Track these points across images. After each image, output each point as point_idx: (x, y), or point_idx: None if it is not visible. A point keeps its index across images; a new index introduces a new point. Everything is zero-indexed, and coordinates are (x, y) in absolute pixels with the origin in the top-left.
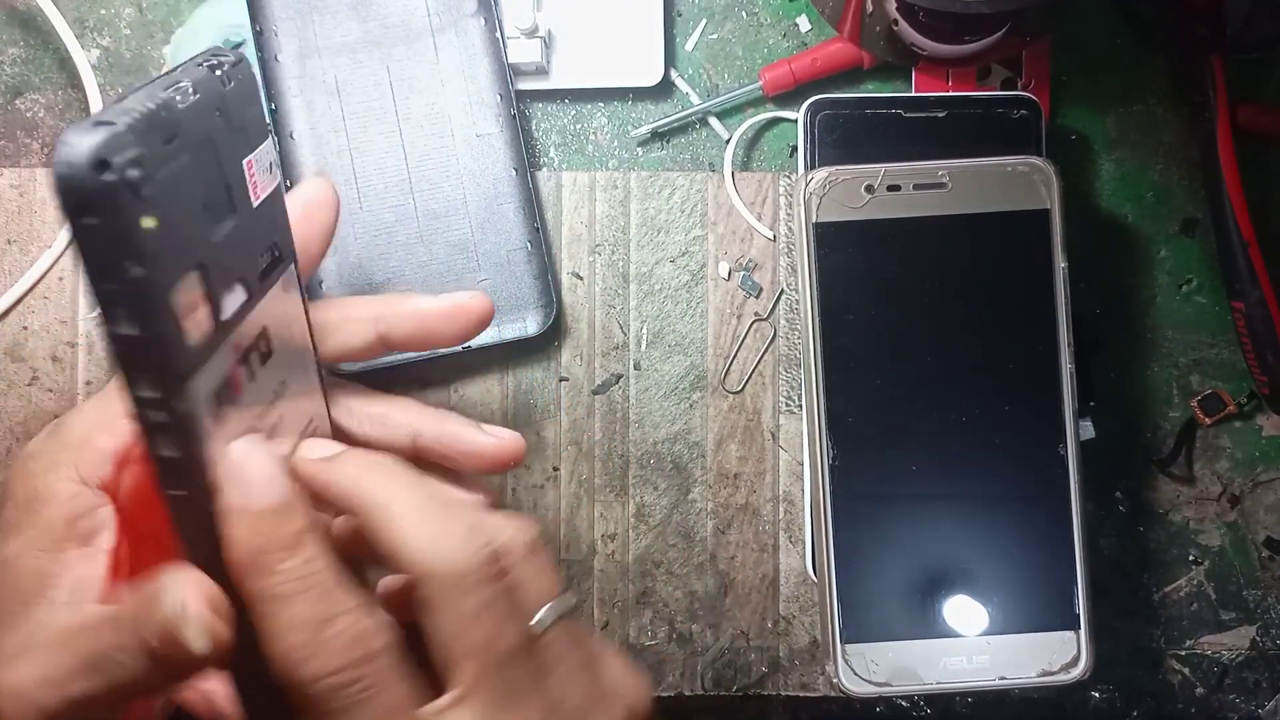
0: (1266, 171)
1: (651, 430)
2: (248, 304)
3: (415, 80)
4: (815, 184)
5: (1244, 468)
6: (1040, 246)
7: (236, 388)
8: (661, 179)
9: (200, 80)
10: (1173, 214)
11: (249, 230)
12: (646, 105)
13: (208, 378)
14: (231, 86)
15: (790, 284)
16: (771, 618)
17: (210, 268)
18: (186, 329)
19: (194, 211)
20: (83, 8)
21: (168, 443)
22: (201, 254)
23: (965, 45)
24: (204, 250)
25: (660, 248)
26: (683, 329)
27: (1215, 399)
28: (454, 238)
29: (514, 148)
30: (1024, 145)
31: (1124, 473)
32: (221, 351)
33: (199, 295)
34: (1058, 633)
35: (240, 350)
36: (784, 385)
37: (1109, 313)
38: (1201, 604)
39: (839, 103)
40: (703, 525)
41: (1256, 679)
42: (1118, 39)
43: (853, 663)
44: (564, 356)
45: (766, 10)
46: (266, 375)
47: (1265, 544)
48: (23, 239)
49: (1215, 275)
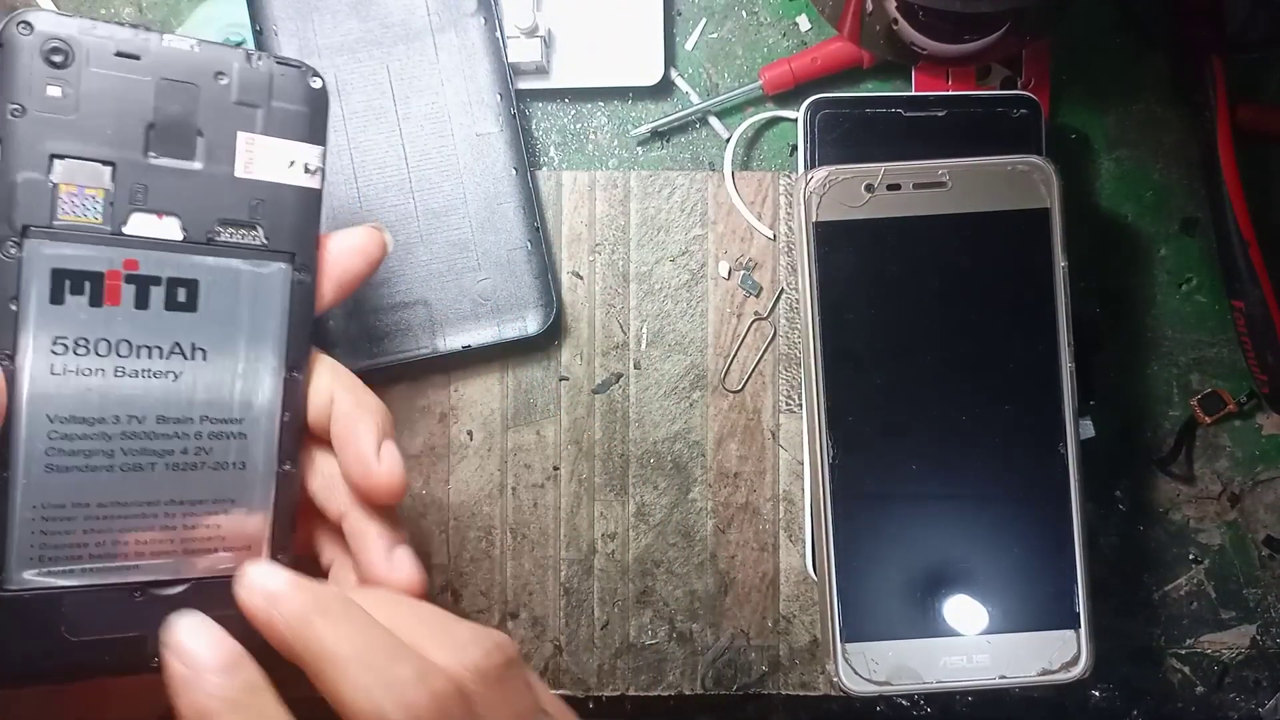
0: (1266, 171)
1: (651, 429)
2: (177, 246)
3: (415, 80)
4: (815, 183)
5: (1244, 467)
6: (1040, 246)
7: (110, 298)
8: (661, 178)
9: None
10: (1173, 214)
11: (213, 188)
12: (646, 105)
13: (60, 253)
14: (263, 74)
15: (790, 283)
16: (772, 617)
17: (122, 171)
18: (60, 196)
19: (124, 119)
20: (83, 8)
21: None
22: (115, 155)
23: (965, 45)
24: (123, 156)
25: (660, 247)
26: (683, 328)
27: (1215, 398)
28: (454, 237)
29: (514, 147)
30: (1024, 145)
31: (1124, 472)
32: (100, 249)
33: (94, 182)
34: (1058, 632)
35: (132, 269)
36: (784, 385)
37: (1109, 313)
38: (1201, 603)
39: (839, 102)
40: (703, 524)
41: (1257, 678)
42: (1118, 39)
43: (853, 662)
44: (564, 356)
45: (766, 10)
46: (168, 321)
47: (1265, 543)
48: None
49: (1215, 275)
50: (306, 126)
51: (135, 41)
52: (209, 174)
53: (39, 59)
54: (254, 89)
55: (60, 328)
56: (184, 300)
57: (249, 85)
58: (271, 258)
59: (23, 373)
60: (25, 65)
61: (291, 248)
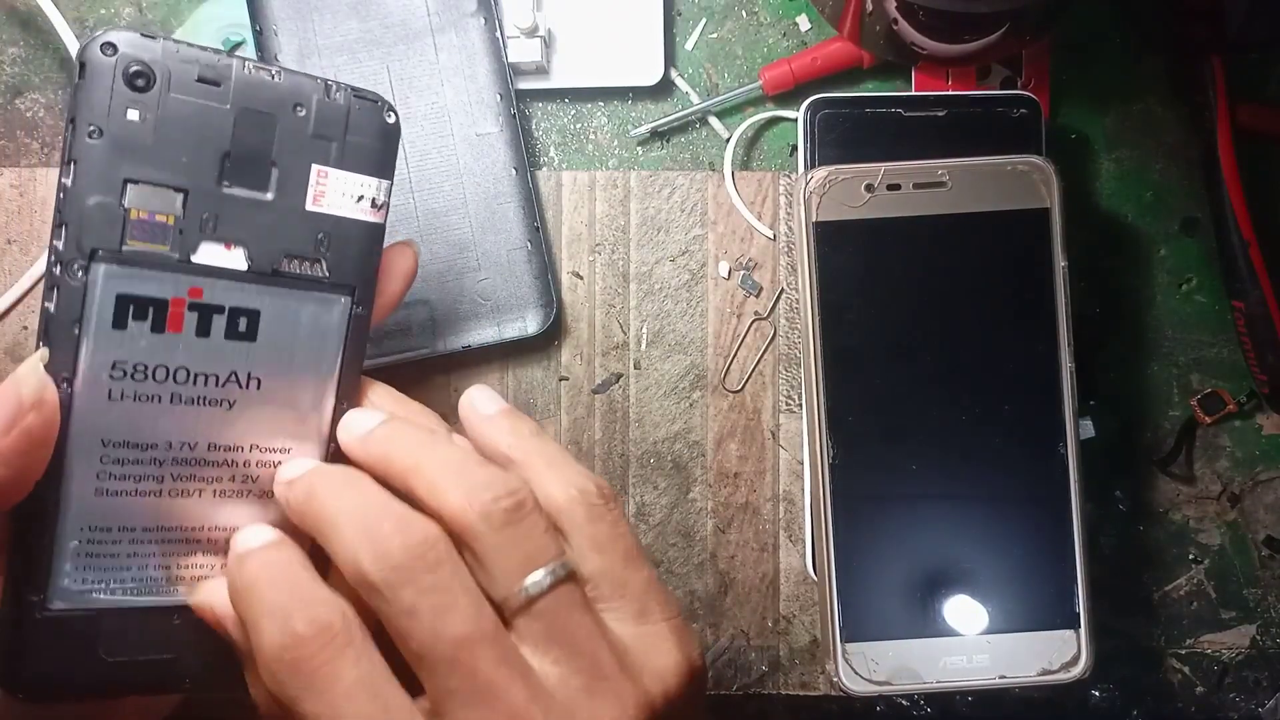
0: (1266, 171)
1: (651, 429)
2: (242, 275)
3: (415, 80)
4: (815, 183)
5: (1244, 467)
6: (1040, 246)
7: (172, 325)
8: (661, 178)
9: (299, 80)
10: (1173, 214)
11: (282, 221)
12: (646, 105)
13: (126, 279)
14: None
15: (790, 283)
16: (771, 617)
17: (194, 200)
18: (131, 222)
19: (201, 147)
20: (83, 8)
21: (51, 296)
22: (189, 183)
23: (965, 44)
24: (196, 184)
25: (660, 247)
26: (683, 328)
27: (1215, 398)
28: (454, 237)
29: (514, 147)
30: (1024, 144)
31: (1124, 472)
32: (166, 277)
33: (166, 209)
34: (1058, 632)
35: (196, 298)
36: (784, 385)
37: (1109, 312)
38: (1201, 603)
39: (839, 102)
40: (703, 524)
41: (1257, 678)
42: (1118, 39)
43: (853, 662)
44: (564, 356)
45: (766, 10)
46: (227, 350)
47: (1265, 543)
48: (23, 239)
49: (1215, 275)
50: (377, 160)
51: (218, 68)
52: (279, 206)
53: (120, 82)
54: (330, 122)
55: (120, 353)
56: (244, 330)
57: (326, 118)
58: (332, 291)
59: (80, 396)
60: (106, 87)
61: (352, 281)
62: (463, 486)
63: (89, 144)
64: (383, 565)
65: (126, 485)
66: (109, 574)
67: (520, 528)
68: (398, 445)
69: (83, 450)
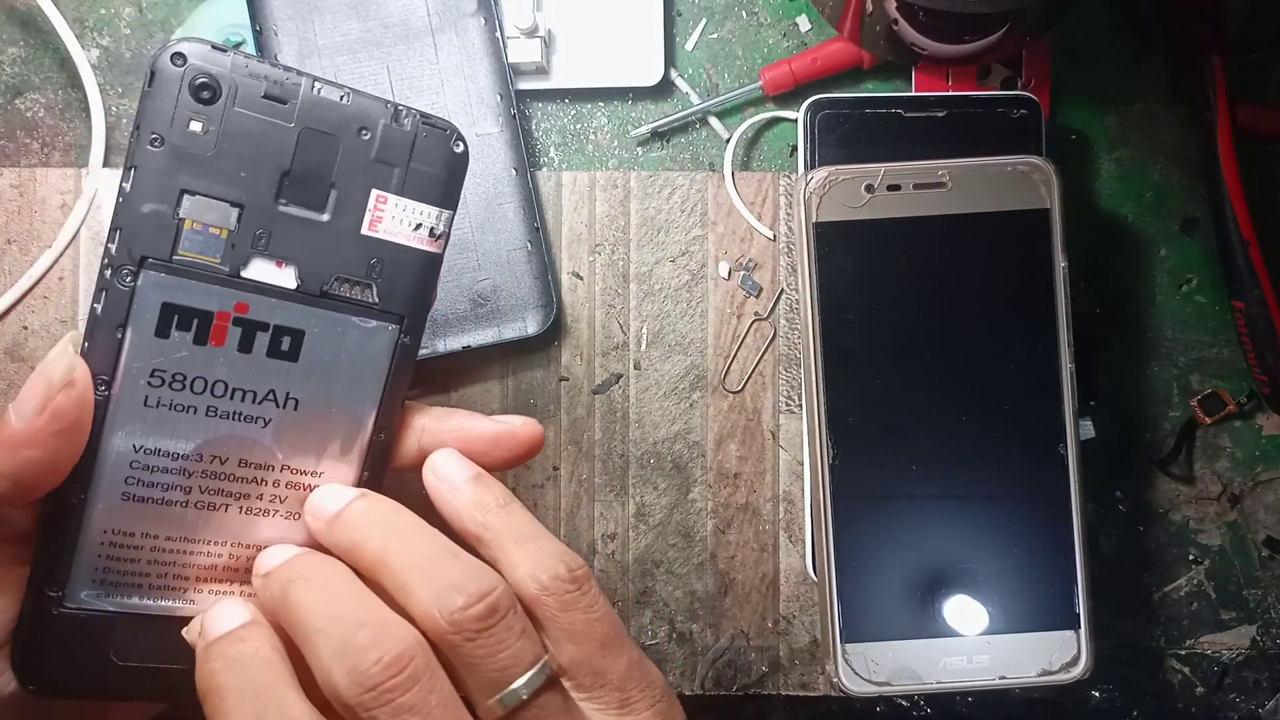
0: (1266, 171)
1: (651, 430)
2: (290, 294)
3: (415, 80)
4: (815, 184)
5: (1244, 467)
6: (1040, 246)
7: (215, 338)
8: (661, 179)
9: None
10: (1173, 214)
11: (336, 243)
12: (646, 105)
13: (173, 289)
14: (407, 133)
15: (790, 284)
16: (771, 617)
17: (249, 215)
18: (184, 232)
19: (260, 164)
20: (83, 8)
21: (100, 298)
22: (245, 198)
23: (965, 45)
24: (252, 200)
25: (660, 247)
26: (683, 329)
27: (1215, 398)
28: (454, 237)
29: (514, 147)
30: (1024, 145)
31: (1124, 473)
32: (214, 289)
33: (220, 222)
34: (1058, 632)
35: (242, 313)
36: (784, 385)
37: (1109, 313)
38: (1201, 603)
39: (839, 102)
40: (703, 525)
41: (1256, 678)
42: (1118, 39)
43: (853, 662)
44: (564, 356)
45: (766, 10)
46: (268, 368)
47: (1265, 543)
48: (23, 239)
49: (1215, 275)
50: (441, 190)
51: (286, 86)
52: (335, 228)
53: (186, 93)
54: (395, 147)
55: (161, 361)
56: (287, 349)
57: (390, 143)
58: (381, 318)
59: (117, 399)
60: (171, 97)
61: (402, 310)
62: (431, 589)
63: (150, 152)
64: (358, 686)
65: (154, 493)
66: (128, 579)
67: (494, 634)
68: (364, 534)
69: (114, 453)
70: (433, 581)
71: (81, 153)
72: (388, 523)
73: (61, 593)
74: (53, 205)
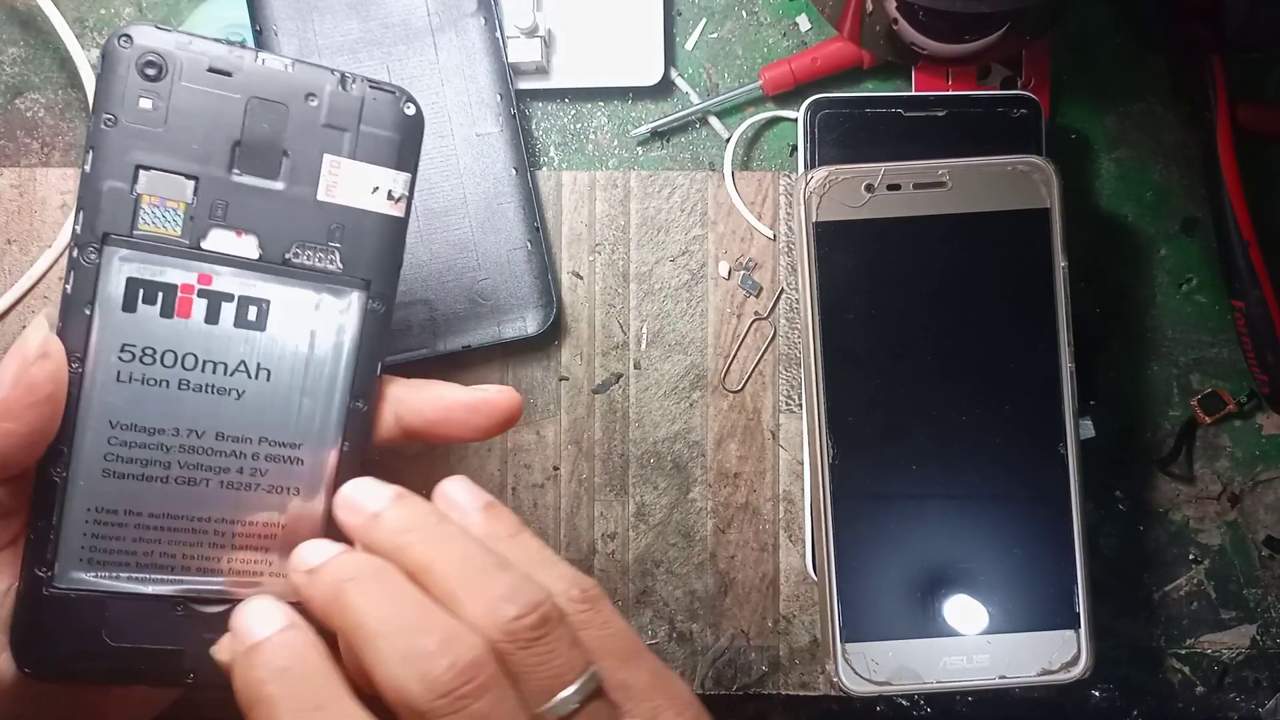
0: (1266, 171)
1: (651, 429)
2: (253, 264)
3: (415, 80)
4: (815, 183)
5: (1244, 467)
6: (1040, 246)
7: (181, 310)
8: (661, 178)
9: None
10: (1173, 214)
11: (294, 210)
12: (646, 105)
13: (136, 263)
14: (354, 98)
15: (790, 283)
16: (771, 617)
17: (205, 187)
18: (142, 207)
19: (211, 136)
20: (83, 8)
21: (69, 278)
22: (200, 170)
23: (965, 44)
24: (207, 171)
25: (660, 247)
26: (683, 328)
27: (1215, 398)
28: (454, 237)
29: (514, 147)
30: (1024, 144)
31: (1124, 472)
32: (176, 262)
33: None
34: (1058, 632)
35: (206, 284)
36: (784, 385)
37: (1109, 313)
38: (1201, 603)
39: (839, 102)
40: (703, 524)
41: (1257, 678)
42: (1118, 39)
43: (853, 662)
44: (564, 356)
45: (766, 10)
46: (236, 339)
47: (1265, 543)
48: (23, 239)
49: (1215, 275)
50: (395, 153)
51: (229, 59)
52: (291, 195)
53: (134, 72)
54: (344, 112)
55: (130, 335)
56: (254, 319)
57: (339, 108)
58: (346, 284)
59: (90, 375)
60: (121, 77)
61: (368, 275)
62: (483, 600)
63: (104, 131)
64: (430, 692)
65: (133, 469)
66: (115, 557)
67: (547, 643)
68: (407, 538)
69: (92, 429)
70: (485, 593)
71: (81, 153)
72: (431, 529)
73: (51, 572)
74: (53, 205)
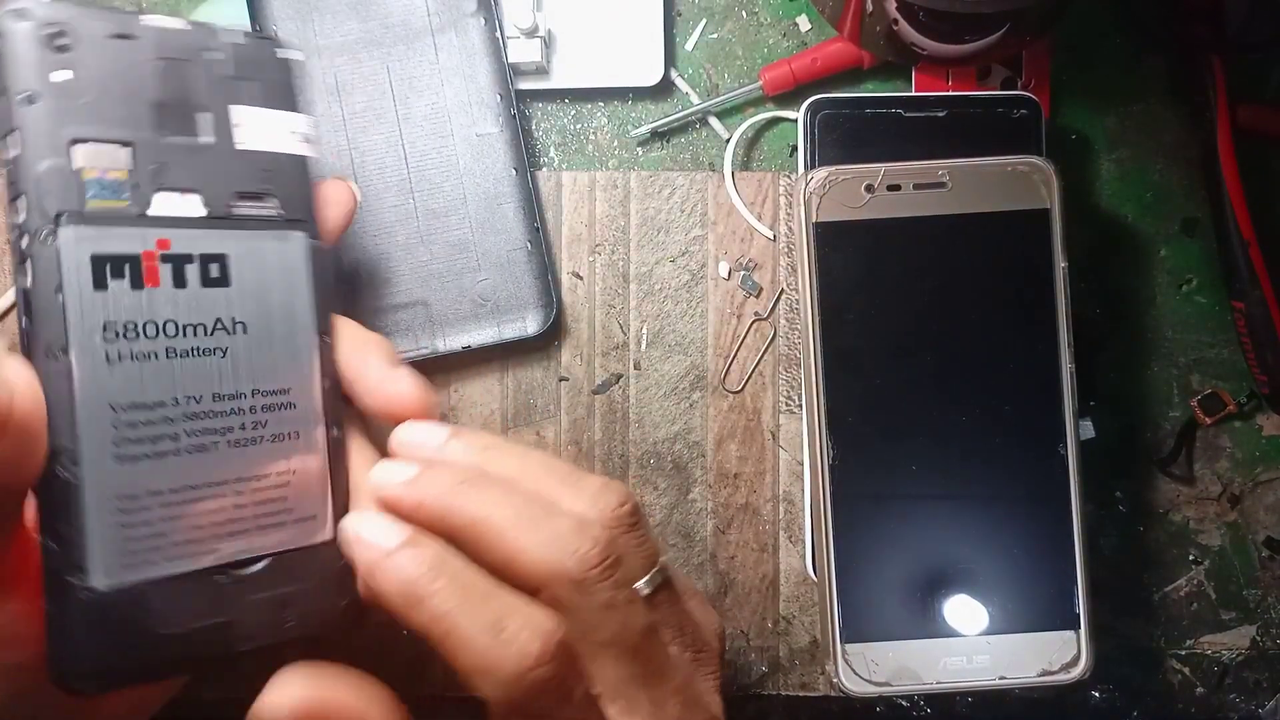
0: (1266, 171)
1: (651, 430)
2: (202, 221)
3: (415, 80)
4: (815, 184)
5: (1244, 467)
6: (1040, 246)
7: (149, 279)
8: (661, 179)
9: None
10: (1173, 214)
11: (224, 163)
12: (646, 105)
13: (95, 239)
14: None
15: (790, 284)
16: (771, 618)
17: (140, 152)
18: (86, 181)
19: (133, 100)
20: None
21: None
22: (131, 135)
23: (965, 45)
24: (138, 136)
25: (660, 247)
26: (683, 329)
27: (1215, 399)
28: (454, 237)
29: (514, 147)
30: (1024, 145)
31: (1124, 473)
32: (132, 231)
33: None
34: (1058, 632)
35: (165, 249)
36: (784, 385)
37: (1109, 313)
38: (1201, 604)
39: (839, 102)
40: (703, 525)
41: (1257, 679)
42: (1118, 39)
43: (853, 663)
44: (564, 356)
45: (766, 10)
46: (207, 298)
47: (1265, 544)
48: None
49: (1215, 275)
50: (285, 95)
51: (127, 23)
52: (219, 149)
53: (40, 45)
54: (239, 63)
55: (107, 314)
56: (217, 275)
57: (233, 60)
58: (289, 226)
59: (79, 364)
60: (27, 51)
61: (304, 215)
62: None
63: (26, 110)
64: (584, 565)
65: (144, 448)
66: (149, 542)
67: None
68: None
69: (93, 418)
70: (582, 491)
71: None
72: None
73: (84, 575)
74: None
